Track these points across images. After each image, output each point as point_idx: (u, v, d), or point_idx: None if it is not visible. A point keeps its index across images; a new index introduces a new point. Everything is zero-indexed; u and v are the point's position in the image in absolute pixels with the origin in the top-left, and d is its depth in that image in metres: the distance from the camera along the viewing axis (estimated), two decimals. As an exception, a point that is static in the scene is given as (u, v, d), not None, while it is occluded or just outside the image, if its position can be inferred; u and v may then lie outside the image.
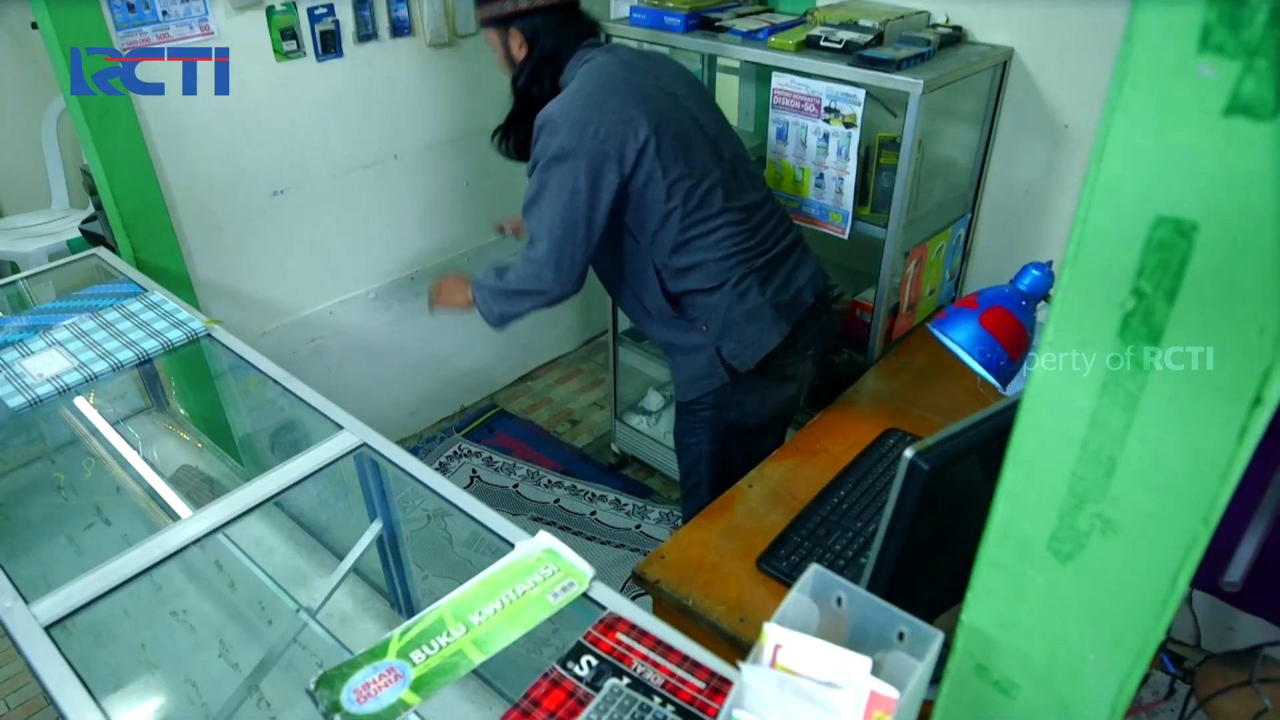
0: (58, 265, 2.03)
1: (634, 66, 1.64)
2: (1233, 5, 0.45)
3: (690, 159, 1.58)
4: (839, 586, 0.74)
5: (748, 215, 1.65)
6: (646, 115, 1.54)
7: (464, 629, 1.04)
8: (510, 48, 1.70)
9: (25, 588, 1.16)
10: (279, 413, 2.14)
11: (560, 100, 1.57)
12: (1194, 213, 0.50)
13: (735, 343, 1.67)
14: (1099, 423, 0.60)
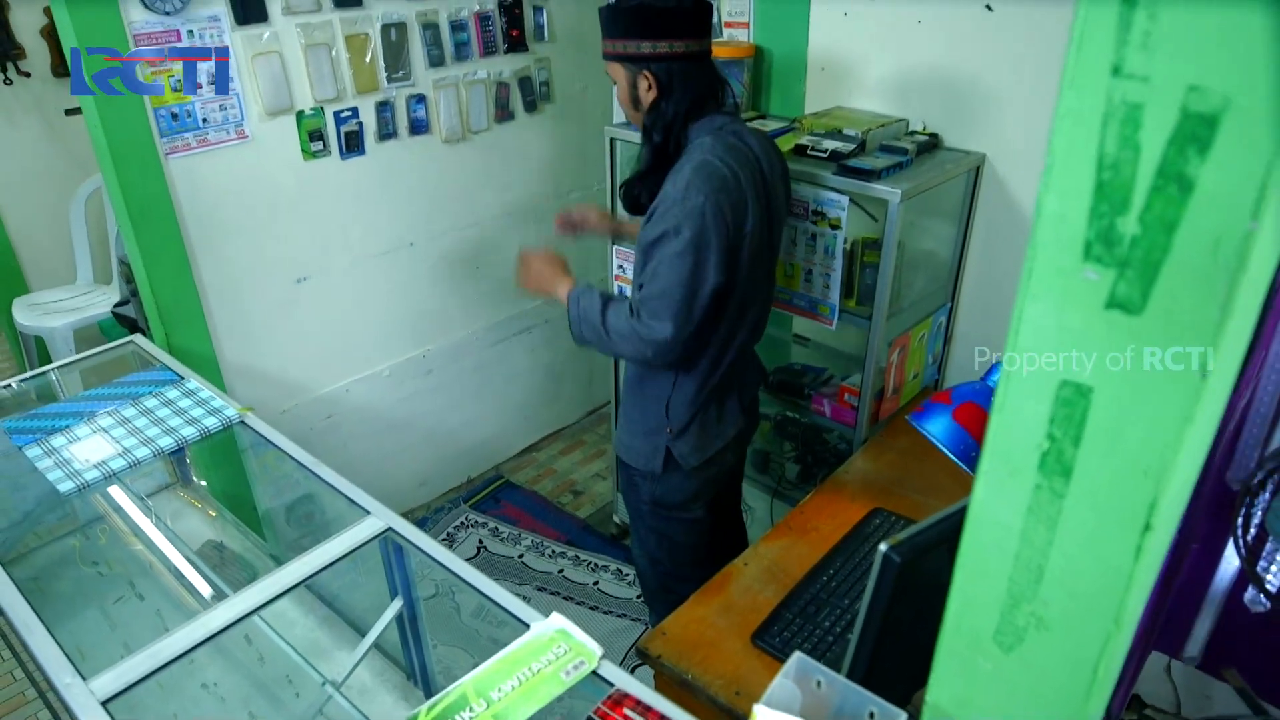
0: (99, 351, 2.17)
1: (755, 154, 1.67)
2: (1106, 229, 0.59)
3: (756, 274, 1.70)
4: (819, 672, 0.85)
5: (755, 327, 1.80)
6: (753, 222, 1.62)
7: (485, 704, 1.15)
8: (638, 88, 1.67)
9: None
10: (298, 488, 2.25)
11: (690, 180, 1.57)
12: (1089, 379, 0.64)
13: (689, 445, 1.80)
14: (1027, 539, 0.73)
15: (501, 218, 2.92)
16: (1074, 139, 0.57)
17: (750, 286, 1.70)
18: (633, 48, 1.63)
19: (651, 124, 1.70)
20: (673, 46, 1.62)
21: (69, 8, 1.84)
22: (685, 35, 1.63)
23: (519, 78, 2.77)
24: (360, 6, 2.31)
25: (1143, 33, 0.52)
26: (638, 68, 1.65)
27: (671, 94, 1.66)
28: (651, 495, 1.88)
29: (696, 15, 1.64)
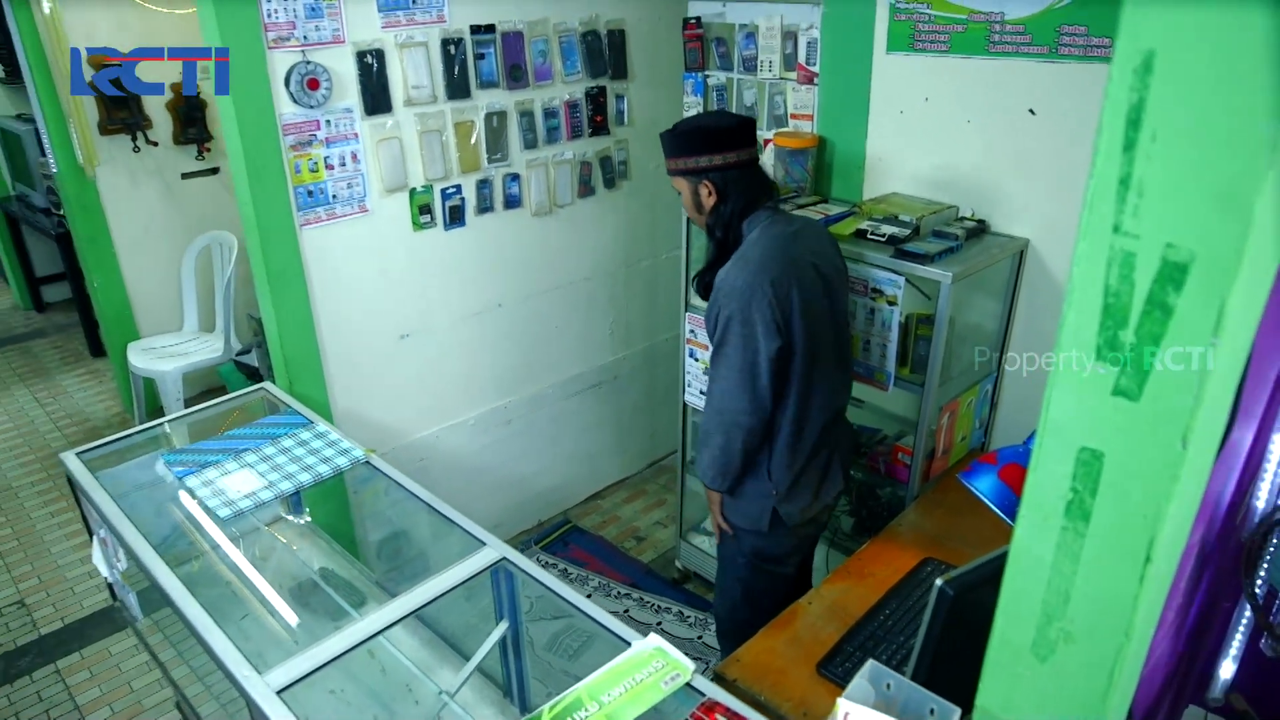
0: (237, 395, 2.46)
1: (798, 238, 1.93)
2: (1111, 337, 0.82)
3: (817, 334, 1.92)
4: (888, 675, 1.06)
5: (834, 388, 2.02)
6: (800, 292, 1.85)
7: (598, 706, 1.36)
8: (700, 195, 1.96)
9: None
10: (406, 520, 2.51)
11: (740, 267, 1.86)
12: (1101, 445, 0.86)
13: (794, 506, 2.02)
14: (1057, 569, 0.94)
15: (579, 282, 3.19)
16: (1087, 274, 0.80)
17: (812, 346, 1.91)
18: (693, 163, 1.94)
19: (713, 224, 1.98)
20: (726, 158, 1.92)
21: (235, 105, 2.16)
22: (736, 148, 1.93)
23: (600, 157, 3.06)
24: (469, 98, 2.63)
25: (1134, 205, 0.76)
26: (698, 179, 1.95)
27: (728, 197, 1.94)
28: (754, 549, 2.10)
29: (743, 130, 1.94)
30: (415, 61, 2.47)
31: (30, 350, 5.18)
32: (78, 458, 2.11)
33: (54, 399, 4.59)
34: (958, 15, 2.22)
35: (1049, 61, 2.09)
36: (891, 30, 2.36)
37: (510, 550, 1.73)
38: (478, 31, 2.59)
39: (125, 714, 2.66)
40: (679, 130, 1.98)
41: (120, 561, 2.03)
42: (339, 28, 2.30)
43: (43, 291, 5.72)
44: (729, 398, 1.89)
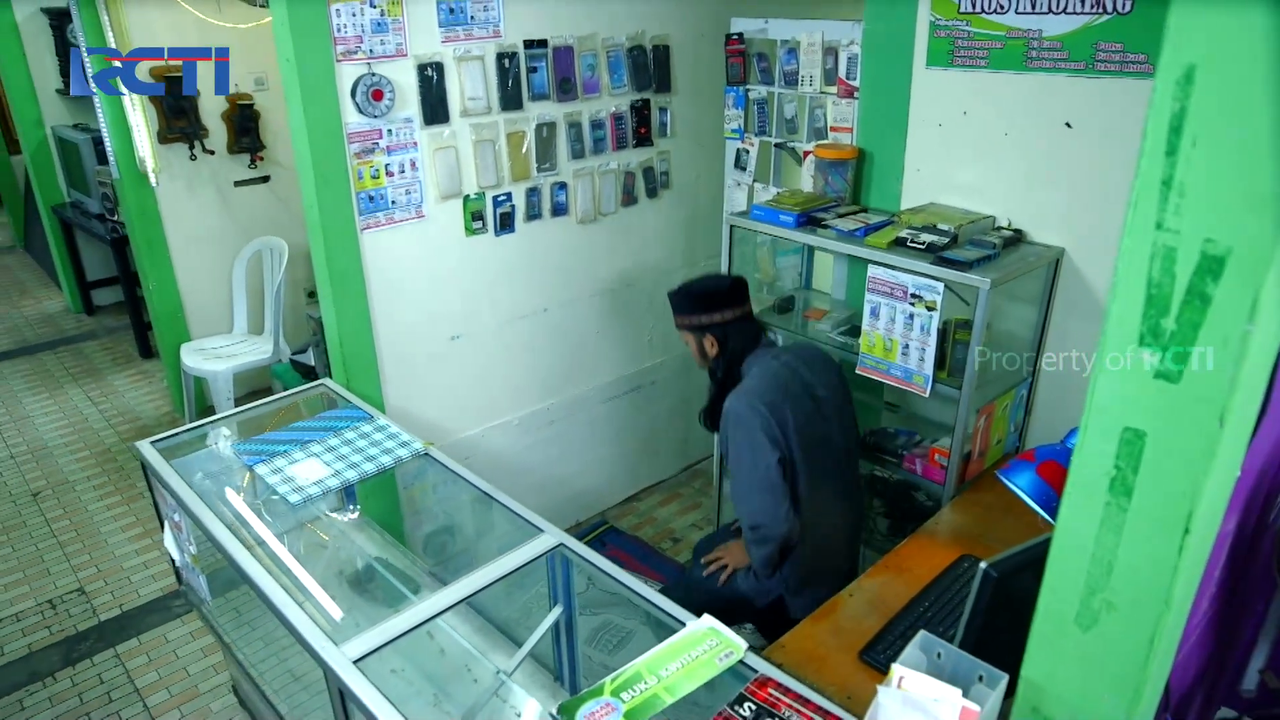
0: (298, 391, 2.57)
1: (792, 370, 2.21)
2: (1154, 325, 0.89)
3: (816, 454, 2.17)
4: (939, 645, 1.14)
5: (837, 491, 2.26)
6: (794, 413, 2.13)
7: (656, 679, 1.44)
8: (704, 346, 2.31)
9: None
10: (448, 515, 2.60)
11: (738, 396, 2.15)
12: (1144, 425, 0.93)
13: (801, 605, 2.19)
14: (1100, 542, 1.01)
15: (621, 289, 3.29)
16: (1132, 267, 0.88)
17: (811, 464, 2.16)
18: (697, 320, 2.30)
19: (715, 368, 2.33)
20: (724, 315, 2.28)
21: (305, 114, 2.28)
22: (732, 306, 2.28)
23: (643, 168, 3.17)
24: (521, 109, 2.74)
25: (1175, 204, 0.84)
26: (703, 333, 2.30)
27: (727, 346, 2.28)
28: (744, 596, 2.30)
29: (736, 290, 2.31)
30: (472, 74, 2.58)
31: (82, 351, 5.36)
32: (152, 446, 2.22)
33: (106, 398, 4.75)
34: (996, 32, 2.30)
35: (1085, 77, 2.16)
36: (931, 46, 2.45)
37: (567, 537, 1.82)
38: (531, 46, 2.70)
39: (182, 697, 2.77)
40: (684, 293, 2.34)
41: (191, 545, 2.14)
42: (402, 41, 2.41)
43: (93, 295, 5.91)
44: (762, 514, 2.13)
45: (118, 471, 4.02)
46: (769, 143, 3.02)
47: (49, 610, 3.16)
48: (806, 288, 3.00)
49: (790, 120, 2.93)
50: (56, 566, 3.39)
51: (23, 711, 2.73)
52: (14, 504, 3.78)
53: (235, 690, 2.70)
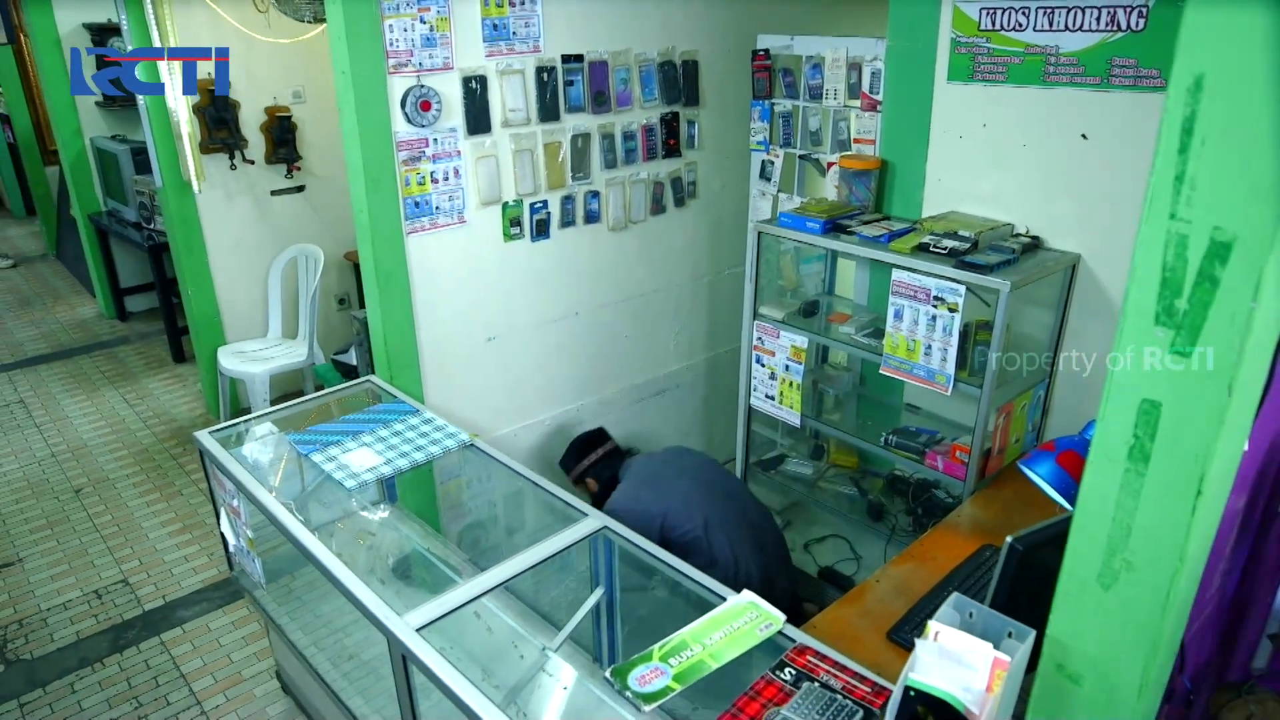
0: (345, 386, 2.69)
1: (664, 462, 2.64)
2: (1168, 305, 1.00)
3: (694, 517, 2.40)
4: (971, 605, 1.24)
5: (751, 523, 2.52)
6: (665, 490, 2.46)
7: (701, 647, 1.55)
8: (590, 486, 2.84)
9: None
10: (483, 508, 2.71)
11: (618, 495, 2.51)
12: (1159, 396, 1.04)
13: None
14: (1120, 506, 1.11)
15: (648, 294, 3.40)
16: (1148, 253, 0.99)
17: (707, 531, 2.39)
18: (579, 473, 2.87)
19: (597, 491, 2.79)
20: (595, 454, 2.85)
21: (358, 122, 2.41)
22: (600, 446, 2.88)
23: (672, 178, 3.29)
24: (558, 120, 2.87)
25: (1187, 197, 0.95)
26: (585, 475, 2.85)
27: (604, 475, 2.79)
28: None
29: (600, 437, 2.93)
30: (513, 87, 2.71)
31: (116, 355, 5.50)
32: (211, 435, 2.34)
33: (141, 400, 4.88)
34: (1015, 48, 2.42)
35: (1101, 91, 2.27)
36: (952, 62, 2.56)
37: (609, 520, 1.92)
38: (568, 60, 2.83)
39: (226, 682, 2.87)
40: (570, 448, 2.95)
41: (247, 529, 2.25)
42: (449, 55, 2.55)
43: (126, 301, 6.06)
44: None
45: (156, 470, 4.15)
46: (793, 154, 3.14)
47: (95, 600, 3.28)
48: (829, 294, 3.11)
49: (814, 133, 3.05)
50: (100, 559, 3.50)
51: (74, 694, 2.84)
52: (58, 500, 3.91)
53: (279, 676, 2.81)
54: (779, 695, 1.44)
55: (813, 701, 1.42)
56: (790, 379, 2.82)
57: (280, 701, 2.78)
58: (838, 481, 3.07)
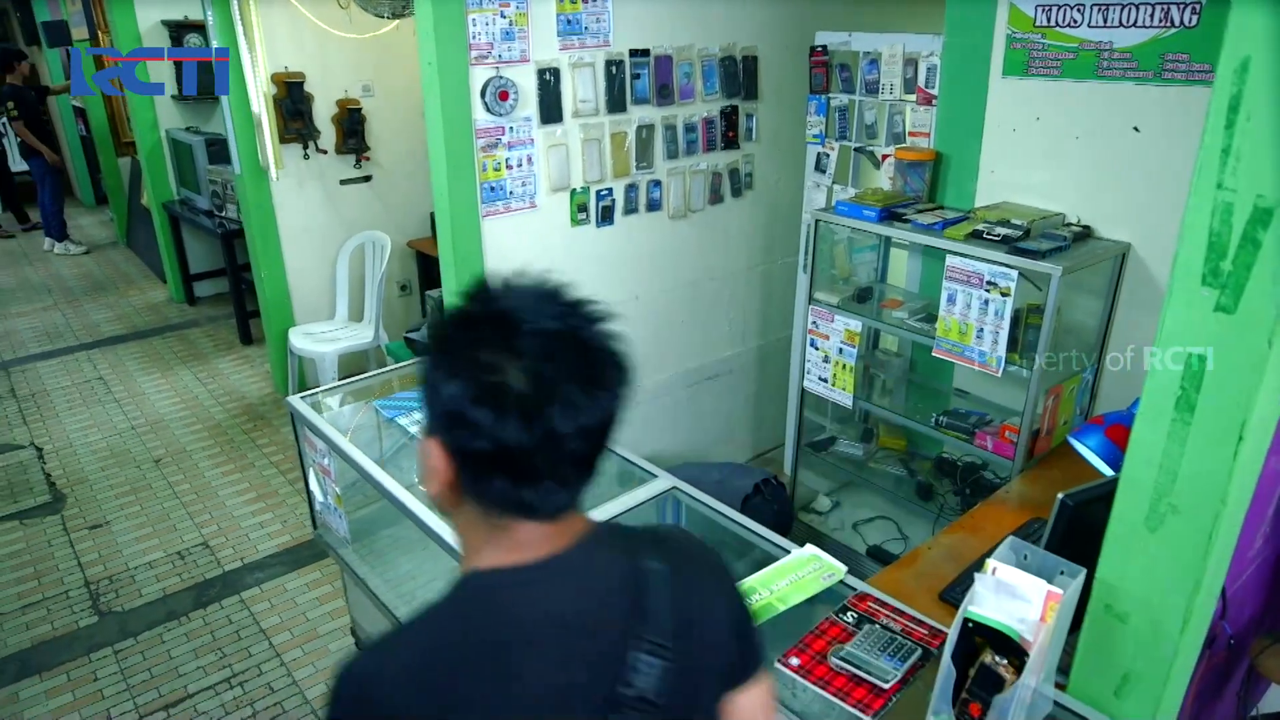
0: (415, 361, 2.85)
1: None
2: (1214, 267, 1.11)
3: None
4: (1025, 548, 1.35)
5: None
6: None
7: (769, 592, 1.68)
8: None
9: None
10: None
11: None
12: (1204, 351, 1.15)
13: None
14: (1167, 453, 1.22)
15: (705, 281, 3.53)
16: (1196, 220, 1.10)
17: None
18: None
19: None
20: None
21: (442, 111, 2.57)
22: None
23: (729, 169, 3.42)
24: (625, 112, 3.01)
25: (1233, 167, 1.06)
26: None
27: None
28: None
29: None
30: (584, 79, 2.86)
31: (187, 337, 5.76)
32: (302, 399, 2.52)
33: (212, 379, 5.12)
34: (1069, 44, 2.51)
35: (1153, 85, 2.36)
36: (1007, 57, 2.66)
37: (679, 481, 2.06)
38: (635, 55, 2.97)
39: (303, 638, 3.06)
40: None
41: (336, 487, 2.42)
42: (526, 48, 2.70)
43: (195, 287, 6.33)
44: None
45: (229, 444, 4.37)
46: (848, 147, 3.25)
47: (178, 560, 3.49)
48: (882, 282, 3.21)
49: (870, 126, 3.15)
50: (182, 524, 3.72)
51: (163, 644, 3.04)
52: (139, 469, 4.14)
53: (354, 633, 2.98)
54: (842, 634, 1.57)
55: (874, 640, 1.54)
56: (844, 361, 2.94)
57: (354, 656, 2.96)
58: (887, 463, 3.17)
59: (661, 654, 0.89)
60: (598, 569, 0.92)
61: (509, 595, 0.88)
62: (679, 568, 0.96)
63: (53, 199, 7.41)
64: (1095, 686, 1.40)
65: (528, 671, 0.86)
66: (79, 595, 3.30)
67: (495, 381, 0.80)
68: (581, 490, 0.91)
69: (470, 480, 0.85)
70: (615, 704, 0.87)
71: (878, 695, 1.44)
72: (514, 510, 0.86)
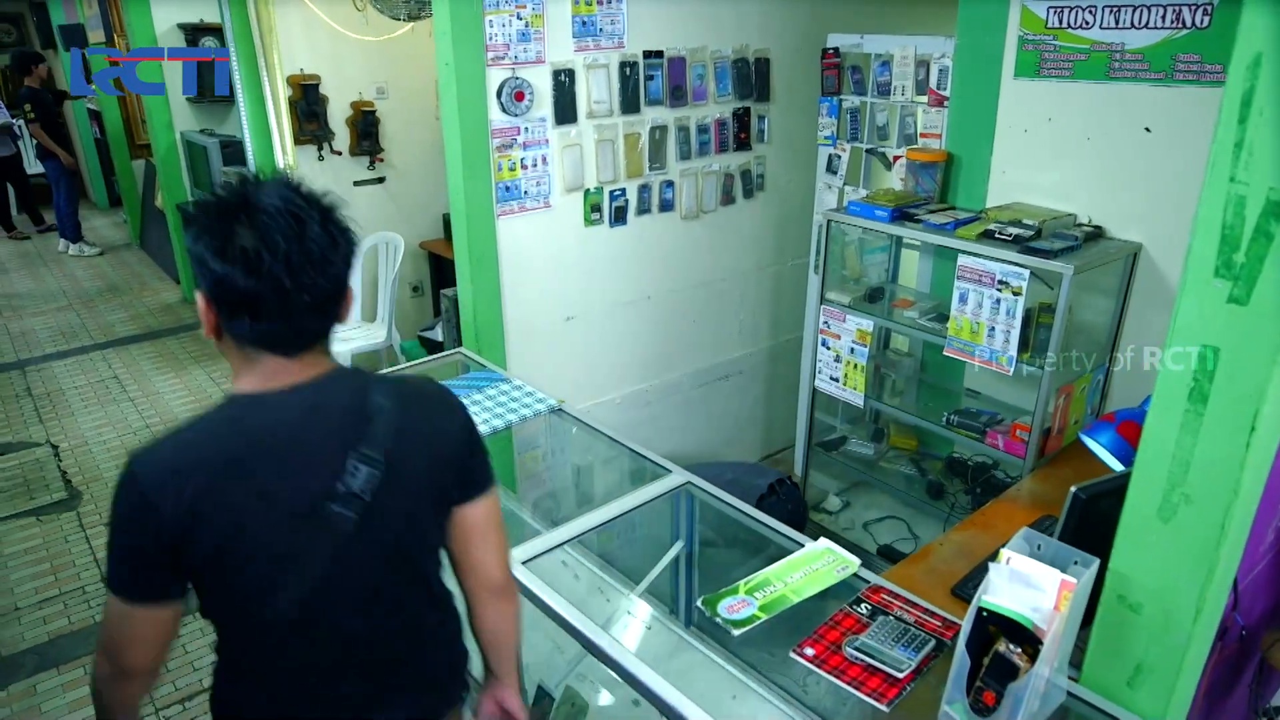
0: (439, 356, 2.89)
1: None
2: (1227, 259, 1.13)
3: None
4: (1039, 538, 1.37)
5: None
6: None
7: (783, 585, 1.69)
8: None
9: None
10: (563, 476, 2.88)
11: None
12: (1218, 342, 1.16)
13: None
14: (1180, 444, 1.24)
15: (717, 282, 3.56)
16: (1210, 213, 1.12)
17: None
18: None
19: None
20: None
21: (459, 111, 2.60)
22: None
23: (741, 170, 3.44)
24: (638, 113, 3.04)
25: (1245, 161, 1.08)
26: None
27: None
28: None
29: None
30: (598, 80, 2.89)
31: (200, 337, 5.79)
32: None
33: (226, 379, 5.15)
34: (1081, 45, 2.53)
35: (1165, 86, 2.38)
36: (1019, 59, 2.68)
37: (693, 476, 2.08)
38: (649, 56, 3.00)
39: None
40: None
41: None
42: (541, 49, 2.73)
43: (208, 288, 6.36)
44: None
45: (243, 442, 4.39)
46: (860, 148, 3.27)
47: (194, 557, 3.52)
48: (893, 282, 3.23)
49: (881, 127, 3.17)
50: (197, 521, 3.74)
51: (179, 639, 3.07)
52: (154, 467, 4.17)
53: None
54: (857, 625, 1.59)
55: (888, 631, 1.56)
56: (855, 361, 2.96)
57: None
58: (897, 462, 3.19)
59: (373, 464, 1.18)
60: (330, 398, 1.20)
61: (254, 413, 1.17)
62: (408, 404, 1.26)
63: (68, 201, 7.48)
64: (1108, 677, 1.41)
65: (261, 472, 1.15)
66: (95, 591, 3.34)
67: (229, 241, 1.08)
68: (318, 337, 1.19)
69: (225, 320, 1.13)
70: (332, 497, 1.16)
71: (892, 684, 1.45)
72: (257, 343, 1.15)
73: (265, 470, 1.15)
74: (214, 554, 1.15)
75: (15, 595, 3.31)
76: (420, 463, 1.25)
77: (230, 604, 1.23)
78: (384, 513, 1.21)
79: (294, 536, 1.18)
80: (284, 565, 1.18)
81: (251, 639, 1.26)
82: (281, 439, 1.16)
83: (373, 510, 1.19)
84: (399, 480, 1.21)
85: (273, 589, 1.19)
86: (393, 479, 1.20)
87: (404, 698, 1.36)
